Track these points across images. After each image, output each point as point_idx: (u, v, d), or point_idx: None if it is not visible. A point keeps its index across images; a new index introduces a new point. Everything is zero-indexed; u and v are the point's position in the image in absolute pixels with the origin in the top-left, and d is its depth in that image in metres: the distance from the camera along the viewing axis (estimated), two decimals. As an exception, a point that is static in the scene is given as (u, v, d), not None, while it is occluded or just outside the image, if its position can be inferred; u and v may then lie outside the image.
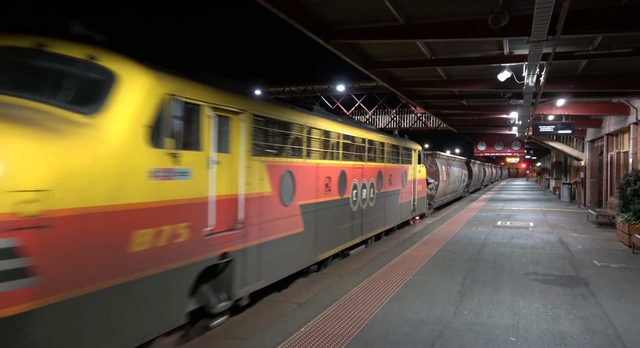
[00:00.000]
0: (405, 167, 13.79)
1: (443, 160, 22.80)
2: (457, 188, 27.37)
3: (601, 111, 15.46)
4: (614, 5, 7.14)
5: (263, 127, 6.02)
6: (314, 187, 7.58)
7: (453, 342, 4.74)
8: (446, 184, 22.17)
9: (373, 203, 10.73)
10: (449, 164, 23.73)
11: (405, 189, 13.79)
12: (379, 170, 11.22)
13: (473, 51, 10.41)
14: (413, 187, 14.85)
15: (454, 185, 25.38)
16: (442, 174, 20.99)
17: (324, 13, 8.16)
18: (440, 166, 21.03)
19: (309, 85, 36.93)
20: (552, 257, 9.25)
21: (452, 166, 24.71)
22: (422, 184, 16.13)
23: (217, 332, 5.00)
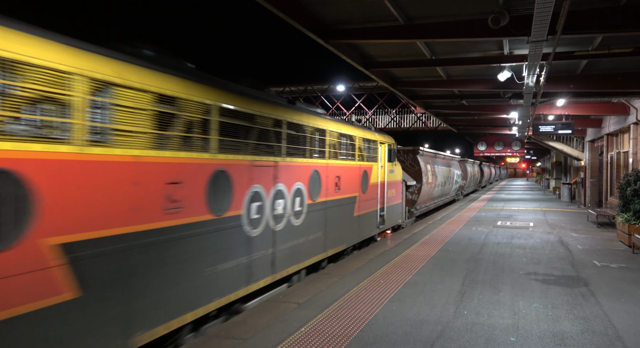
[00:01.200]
0: (365, 165, 10.40)
1: (428, 158, 19.32)
2: (448, 190, 24.06)
3: (601, 111, 15.46)
4: (614, 5, 7.14)
5: None
6: (115, 204, 3.96)
7: (453, 342, 4.74)
8: (432, 187, 18.83)
9: (301, 220, 7.41)
10: (435, 162, 20.33)
11: (365, 196, 10.40)
12: (314, 170, 7.78)
13: (473, 51, 10.41)
14: (380, 191, 11.64)
15: (443, 187, 22.00)
16: (426, 174, 17.50)
17: (324, 13, 8.16)
18: (424, 165, 17.70)
19: (309, 85, 36.93)
20: (552, 257, 9.25)
21: (440, 165, 21.28)
22: (395, 188, 13.18)
23: (217, 332, 5.00)
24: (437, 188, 20.30)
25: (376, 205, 11.38)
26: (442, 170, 21.41)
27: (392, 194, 12.77)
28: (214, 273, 5.19)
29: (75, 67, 3.62)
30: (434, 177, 19.13)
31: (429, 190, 18.32)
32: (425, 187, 17.28)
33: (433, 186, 19.01)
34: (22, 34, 3.34)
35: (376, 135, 11.52)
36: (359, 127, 10.59)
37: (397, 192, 13.49)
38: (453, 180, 24.86)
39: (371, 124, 36.04)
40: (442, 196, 22.44)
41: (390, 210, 12.67)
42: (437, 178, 19.90)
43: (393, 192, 12.93)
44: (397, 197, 13.50)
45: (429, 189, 18.20)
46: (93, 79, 3.76)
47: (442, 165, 21.72)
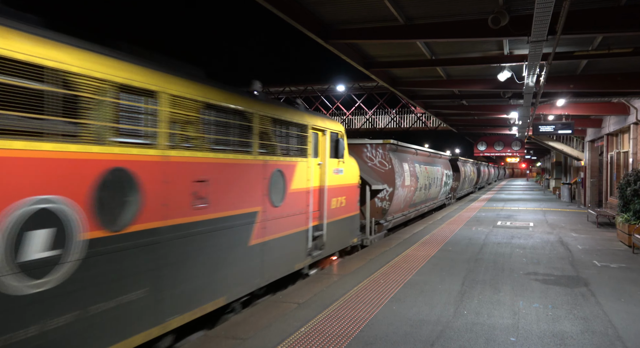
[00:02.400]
0: (280, 162, 6.82)
1: (404, 155, 14.69)
2: (435, 194, 19.66)
3: (601, 111, 15.46)
4: (614, 5, 7.15)
5: None
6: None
7: (453, 342, 4.74)
8: (410, 191, 14.57)
9: (55, 278, 3.54)
10: (415, 160, 16.09)
11: (280, 210, 6.84)
12: (112, 169, 4.07)
13: (473, 51, 10.42)
14: (315, 201, 8.13)
15: (428, 190, 17.63)
16: (400, 175, 13.23)
17: (324, 13, 8.17)
18: (399, 164, 13.34)
19: (309, 85, 36.95)
20: (552, 257, 9.25)
21: (423, 164, 17.08)
22: (347, 195, 9.50)
23: (217, 332, 5.00)
24: (419, 193, 16.08)
25: (306, 223, 7.65)
26: (425, 171, 16.97)
27: (339, 204, 9.03)
28: None
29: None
30: (413, 178, 14.72)
31: (406, 195, 14.11)
32: (399, 192, 13.00)
33: (412, 190, 14.83)
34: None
35: (306, 117, 7.60)
36: (266, 101, 6.62)
37: (351, 200, 9.70)
38: (441, 182, 20.32)
39: (371, 124, 36.06)
40: (427, 201, 18.37)
41: (337, 227, 8.91)
42: (419, 180, 15.64)
43: (343, 201, 9.18)
44: (351, 207, 9.73)
45: (405, 194, 13.92)
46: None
47: (425, 164, 17.33)
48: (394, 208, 13.09)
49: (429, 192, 17.82)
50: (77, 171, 3.73)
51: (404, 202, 14.14)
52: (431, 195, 18.54)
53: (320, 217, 8.30)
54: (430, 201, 19.08)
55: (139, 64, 4.42)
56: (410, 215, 15.67)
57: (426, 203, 18.09)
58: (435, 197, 19.96)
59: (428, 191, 17.64)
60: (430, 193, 18.32)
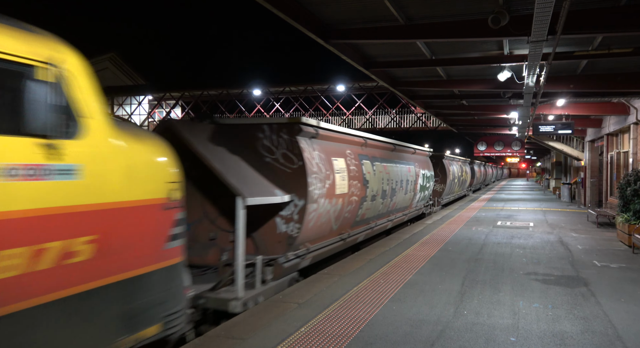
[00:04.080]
0: None
1: (337, 146, 8.99)
2: (406, 203, 14.00)
3: (601, 111, 15.47)
4: (614, 5, 7.15)
5: None
6: None
7: (453, 342, 4.74)
8: (351, 203, 9.15)
9: None
10: (363, 154, 10.14)
11: None
12: None
13: (473, 51, 10.42)
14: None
15: (390, 200, 11.88)
16: (323, 178, 7.79)
17: (324, 13, 8.17)
18: (323, 159, 7.98)
19: (309, 85, 36.94)
20: (552, 257, 9.25)
21: (380, 161, 11.22)
22: (105, 231, 3.57)
23: (217, 332, 5.00)
24: (372, 203, 10.35)
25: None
26: (382, 170, 11.06)
27: (56, 260, 3.21)
28: None
29: None
30: (355, 182, 9.11)
31: (340, 209, 8.57)
32: (321, 205, 7.65)
33: (355, 200, 9.17)
34: None
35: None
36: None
37: (129, 242, 3.82)
38: (414, 186, 14.38)
39: (371, 124, 36.03)
40: (391, 213, 12.63)
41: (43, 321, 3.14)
42: (368, 184, 9.85)
43: (78, 248, 3.37)
44: (128, 258, 3.81)
45: (337, 208, 8.38)
46: None
47: (383, 161, 11.37)
48: (311, 233, 7.51)
49: (391, 201, 11.97)
50: None
51: (336, 220, 8.44)
52: (397, 204, 12.78)
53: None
54: (398, 213, 13.30)
55: None
56: (357, 238, 9.91)
57: (389, 217, 12.34)
58: (406, 206, 14.18)
59: (390, 200, 11.74)
60: (396, 203, 12.52)
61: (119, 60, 42.71)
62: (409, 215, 14.90)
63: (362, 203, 9.68)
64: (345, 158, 8.92)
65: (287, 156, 7.27)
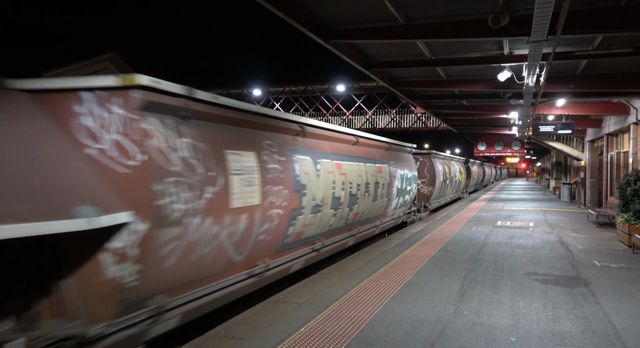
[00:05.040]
0: None
1: (250, 134, 5.85)
2: (377, 211, 11.27)
3: (601, 111, 15.47)
4: (614, 5, 7.15)
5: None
6: None
7: (453, 342, 4.74)
8: (280, 222, 6.31)
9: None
10: (302, 150, 7.20)
11: None
12: None
13: (473, 51, 10.42)
14: None
15: (349, 210, 9.07)
16: (167, 196, 4.32)
17: (324, 13, 8.17)
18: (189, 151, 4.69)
19: (309, 85, 36.95)
20: (552, 257, 9.25)
21: (337, 157, 8.59)
22: None
23: (217, 332, 5.00)
24: (308, 218, 7.21)
25: None
26: (335, 170, 8.30)
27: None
28: None
29: None
30: (275, 189, 6.11)
31: (223, 238, 5.13)
32: (169, 237, 4.31)
33: (251, 222, 5.60)
34: None
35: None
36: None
37: None
38: (387, 190, 11.48)
39: (371, 124, 36.08)
40: (350, 227, 9.55)
41: None
42: (307, 191, 6.99)
43: None
44: None
45: (216, 235, 4.99)
46: None
47: (336, 159, 8.48)
48: (172, 275, 4.55)
49: (352, 211, 9.16)
50: None
51: (238, 248, 5.50)
52: (363, 214, 10.00)
53: None
54: (365, 224, 10.46)
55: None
56: (288, 267, 6.91)
57: (350, 231, 9.52)
58: (377, 215, 11.35)
59: (350, 209, 8.99)
60: (360, 213, 9.76)
61: (119, 60, 42.82)
62: (382, 226, 11.98)
63: (295, 217, 6.65)
64: (258, 152, 5.85)
65: (121, 146, 4.15)
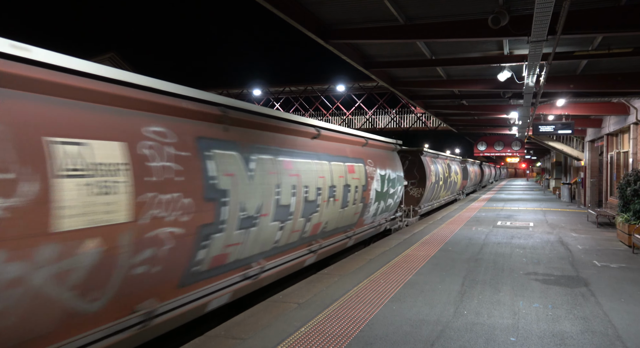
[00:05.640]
0: None
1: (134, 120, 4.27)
2: (347, 221, 9.54)
3: (601, 111, 15.47)
4: (614, 5, 7.15)
5: None
6: None
7: (453, 342, 4.74)
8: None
9: None
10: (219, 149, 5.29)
11: None
12: None
13: (473, 51, 10.42)
14: None
15: (305, 223, 7.41)
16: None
17: (324, 13, 8.17)
18: None
19: (309, 85, 36.95)
20: (552, 257, 9.25)
21: (284, 159, 6.71)
22: None
23: (217, 332, 5.00)
24: (234, 235, 5.49)
25: None
26: (281, 171, 6.51)
27: None
28: None
29: None
30: (165, 198, 4.39)
31: (45, 280, 3.25)
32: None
33: (118, 248, 3.86)
34: None
35: None
36: None
37: None
38: (361, 195, 9.80)
39: (371, 124, 36.08)
40: (310, 241, 7.94)
41: None
42: (229, 199, 5.30)
43: None
44: None
45: (21, 279, 3.09)
46: None
47: (281, 155, 6.64)
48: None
49: (310, 222, 7.55)
50: None
51: (83, 292, 3.62)
52: (328, 225, 8.42)
53: None
54: (332, 237, 8.85)
55: None
56: (204, 304, 5.26)
57: (309, 247, 7.87)
58: (350, 224, 9.68)
59: (306, 220, 7.40)
60: (324, 223, 8.17)
61: (119, 60, 42.81)
62: (357, 236, 10.13)
63: (209, 236, 4.99)
64: (132, 141, 4.21)
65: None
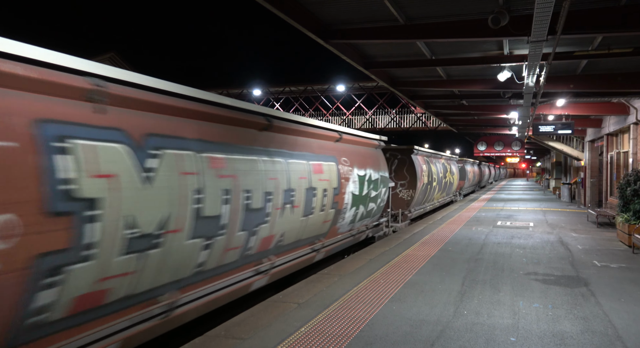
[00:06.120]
0: None
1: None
2: (312, 231, 7.80)
3: (601, 111, 15.46)
4: (614, 5, 7.15)
5: None
6: None
7: (453, 341, 4.74)
8: None
9: None
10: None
11: None
12: None
13: (473, 51, 10.42)
14: None
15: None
16: None
17: (324, 13, 8.17)
18: None
19: (309, 85, 36.94)
20: (552, 257, 9.25)
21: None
22: None
23: (217, 332, 5.00)
24: (95, 267, 3.69)
25: None
26: (204, 170, 4.89)
27: None
28: None
29: None
30: None
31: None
32: None
33: None
34: None
35: None
36: None
37: None
38: (332, 200, 8.14)
39: (371, 124, 36.08)
40: (258, 260, 6.26)
41: None
42: (102, 215, 3.68)
43: None
44: None
45: None
46: None
47: (209, 150, 5.07)
48: None
49: (256, 237, 5.97)
50: None
51: None
52: (284, 238, 6.83)
53: None
54: (292, 251, 7.28)
55: None
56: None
57: (256, 267, 6.24)
58: (319, 235, 8.15)
59: (250, 234, 5.81)
60: (278, 236, 6.58)
61: (119, 60, 42.80)
62: (329, 248, 8.57)
63: (61, 270, 3.46)
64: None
65: None
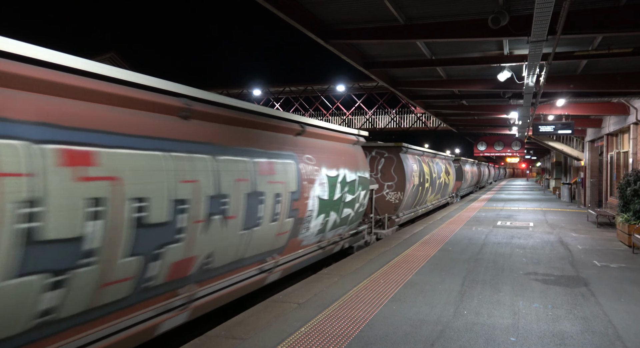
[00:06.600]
0: None
1: None
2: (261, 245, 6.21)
3: (601, 111, 15.47)
4: (614, 5, 7.15)
5: None
6: None
7: (453, 342, 4.74)
8: None
9: None
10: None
11: None
12: None
13: (473, 51, 10.43)
14: None
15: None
16: None
17: (324, 13, 8.18)
18: None
19: (309, 85, 36.95)
20: (552, 257, 9.25)
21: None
22: None
23: (217, 332, 5.00)
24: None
25: None
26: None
27: None
28: None
29: None
30: None
31: None
32: None
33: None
34: None
35: None
36: None
37: None
38: (289, 206, 6.71)
39: (371, 124, 36.09)
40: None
41: None
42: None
43: None
44: None
45: None
46: None
47: (104, 139, 3.80)
48: None
49: (159, 262, 4.34)
50: None
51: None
52: (218, 256, 5.33)
53: None
54: (239, 272, 5.88)
55: None
56: None
57: (176, 299, 4.79)
58: (273, 249, 6.62)
59: (158, 259, 4.32)
60: (205, 255, 5.05)
61: (119, 60, 42.79)
62: (289, 265, 7.18)
63: None
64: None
65: None
